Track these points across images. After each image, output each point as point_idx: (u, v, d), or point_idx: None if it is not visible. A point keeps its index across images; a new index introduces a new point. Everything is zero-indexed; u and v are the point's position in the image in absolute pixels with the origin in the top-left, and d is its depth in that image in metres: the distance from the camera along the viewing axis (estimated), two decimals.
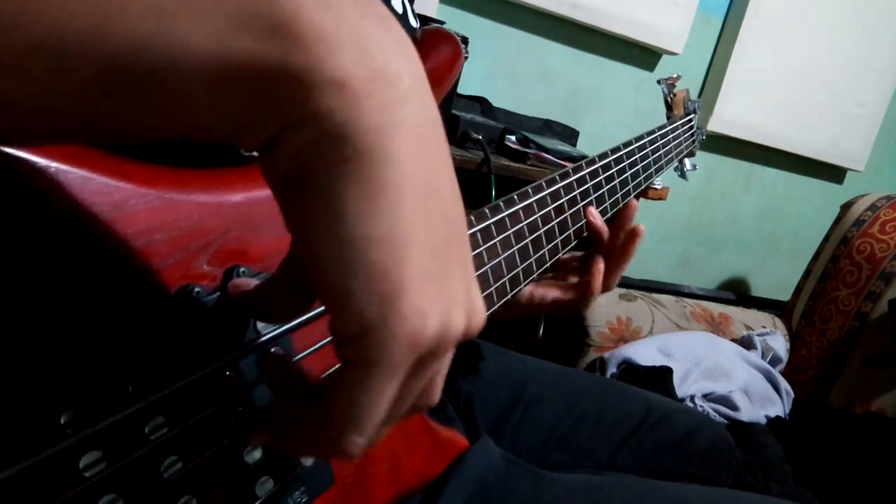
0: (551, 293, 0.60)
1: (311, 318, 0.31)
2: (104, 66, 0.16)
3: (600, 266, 0.59)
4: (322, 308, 0.31)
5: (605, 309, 1.24)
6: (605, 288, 0.60)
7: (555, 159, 1.20)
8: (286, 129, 0.19)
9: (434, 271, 0.21)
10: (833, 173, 2.14)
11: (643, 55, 1.65)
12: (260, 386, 0.30)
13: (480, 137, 1.15)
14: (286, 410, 0.25)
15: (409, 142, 0.20)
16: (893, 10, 1.90)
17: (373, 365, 0.21)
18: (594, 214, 0.58)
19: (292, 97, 0.19)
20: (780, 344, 1.38)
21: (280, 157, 0.20)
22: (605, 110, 1.67)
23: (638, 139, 0.69)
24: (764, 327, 1.42)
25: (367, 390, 0.21)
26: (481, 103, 1.38)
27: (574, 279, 0.61)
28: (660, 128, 0.76)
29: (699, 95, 1.79)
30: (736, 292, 1.78)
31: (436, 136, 0.22)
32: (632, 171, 0.67)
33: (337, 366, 0.33)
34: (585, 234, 0.59)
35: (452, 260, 0.22)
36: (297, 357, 0.32)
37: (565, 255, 0.60)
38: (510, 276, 0.49)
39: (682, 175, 0.93)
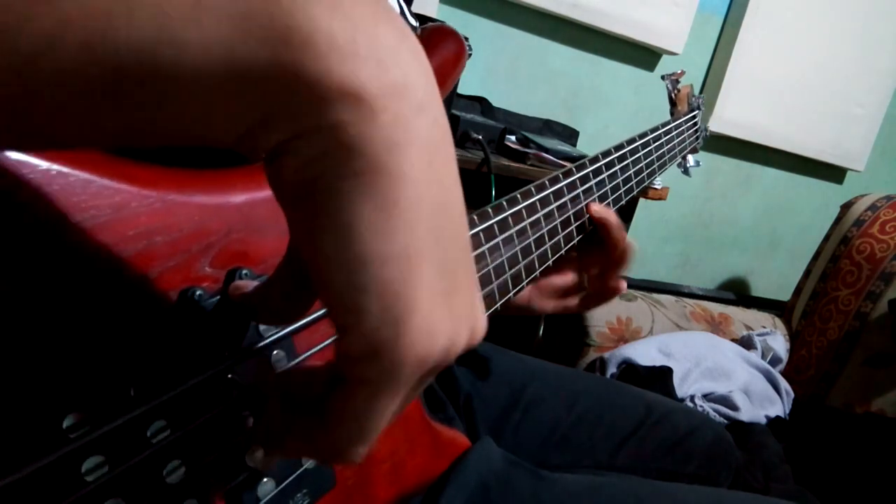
0: (550, 303, 0.62)
1: (314, 321, 0.31)
2: (107, 72, 0.16)
3: (594, 263, 0.60)
4: (324, 310, 0.31)
5: (605, 309, 1.24)
6: (603, 290, 0.61)
7: (555, 159, 1.20)
8: (296, 138, 0.19)
9: (443, 292, 0.21)
10: (833, 173, 2.14)
11: (643, 55, 1.65)
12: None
13: (480, 137, 1.15)
14: (284, 420, 0.25)
15: (423, 158, 0.20)
16: (893, 10, 1.90)
17: (381, 384, 0.21)
18: (596, 208, 0.58)
19: (304, 106, 0.18)
20: (780, 344, 1.38)
21: (288, 167, 0.19)
22: (605, 110, 1.67)
23: (642, 136, 0.69)
24: (764, 327, 1.42)
25: (373, 408, 0.21)
26: (481, 103, 1.38)
27: (571, 277, 0.62)
28: (664, 124, 0.76)
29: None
30: (736, 292, 1.79)
31: (447, 151, 0.22)
32: (635, 168, 0.68)
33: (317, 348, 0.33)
34: (590, 228, 0.59)
35: (459, 278, 0.22)
36: (300, 358, 0.32)
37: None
38: (512, 273, 0.49)
39: (686, 171, 0.92)
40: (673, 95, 0.84)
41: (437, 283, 0.21)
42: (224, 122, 0.19)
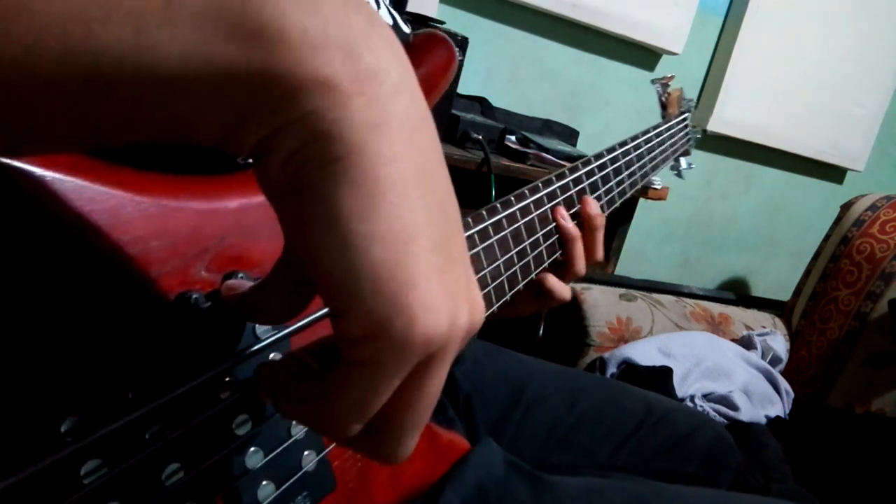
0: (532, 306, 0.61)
1: (311, 322, 0.31)
2: (88, 76, 0.16)
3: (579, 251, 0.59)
4: (321, 312, 0.31)
5: (605, 309, 1.24)
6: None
7: (555, 159, 1.20)
8: (277, 133, 0.19)
9: (438, 267, 0.21)
10: (833, 173, 2.14)
11: (643, 55, 1.65)
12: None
13: (480, 137, 1.15)
14: (284, 387, 0.25)
15: (402, 137, 0.20)
16: (893, 10, 1.90)
17: (382, 365, 0.21)
18: (563, 215, 0.56)
19: (278, 100, 0.18)
20: (780, 344, 1.38)
21: (272, 162, 0.20)
22: (605, 110, 1.67)
23: (633, 138, 0.70)
24: (764, 327, 1.42)
25: (374, 388, 0.21)
26: (481, 103, 1.38)
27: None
28: (655, 127, 0.77)
29: (699, 96, 1.79)
30: (736, 292, 1.78)
31: (427, 130, 0.22)
32: (628, 170, 0.68)
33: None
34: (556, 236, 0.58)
35: (453, 255, 0.22)
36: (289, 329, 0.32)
37: None
38: (507, 275, 0.49)
39: (679, 174, 0.93)
40: (663, 99, 0.84)
41: (430, 259, 0.21)
42: (203, 122, 0.19)
